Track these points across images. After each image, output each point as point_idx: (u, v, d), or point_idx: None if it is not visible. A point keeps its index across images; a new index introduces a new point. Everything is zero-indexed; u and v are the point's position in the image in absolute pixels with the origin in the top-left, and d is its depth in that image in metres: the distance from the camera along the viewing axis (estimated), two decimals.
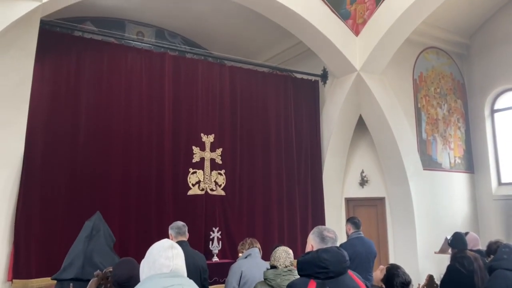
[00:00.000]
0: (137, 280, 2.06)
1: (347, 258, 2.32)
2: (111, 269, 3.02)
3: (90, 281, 3.23)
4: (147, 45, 6.93)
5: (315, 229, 2.49)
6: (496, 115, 8.37)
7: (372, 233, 7.33)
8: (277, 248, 3.47)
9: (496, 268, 3.63)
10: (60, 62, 5.56)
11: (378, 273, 3.10)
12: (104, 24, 7.95)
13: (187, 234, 4.27)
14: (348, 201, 7.82)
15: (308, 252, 2.35)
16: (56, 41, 5.57)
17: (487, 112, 8.40)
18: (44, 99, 5.36)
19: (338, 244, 2.43)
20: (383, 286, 3.02)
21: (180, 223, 4.28)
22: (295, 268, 3.38)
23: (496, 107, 8.37)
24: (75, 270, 3.64)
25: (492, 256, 4.06)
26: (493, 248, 4.24)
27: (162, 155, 6.08)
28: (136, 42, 6.93)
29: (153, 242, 2.11)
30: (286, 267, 3.29)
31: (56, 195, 5.27)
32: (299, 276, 2.38)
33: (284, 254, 3.36)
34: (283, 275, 3.21)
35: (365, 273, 4.69)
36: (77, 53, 5.69)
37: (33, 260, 4.99)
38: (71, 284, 3.52)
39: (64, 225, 5.18)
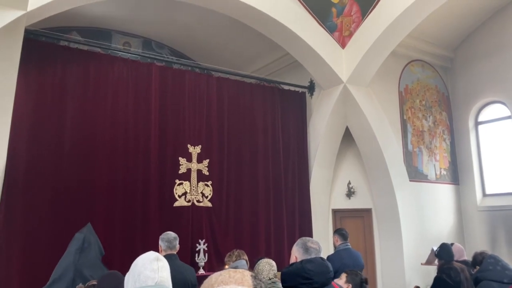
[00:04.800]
0: None
1: (331, 269, 2.32)
2: (94, 282, 2.95)
3: None
4: (134, 55, 6.90)
5: (299, 241, 2.50)
6: (480, 127, 8.48)
7: (359, 244, 7.33)
8: (260, 260, 3.46)
9: (482, 279, 3.66)
10: (45, 72, 5.49)
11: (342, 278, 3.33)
12: (90, 34, 7.92)
13: (177, 248, 4.17)
14: (335, 212, 7.83)
15: (292, 264, 2.35)
16: (41, 50, 5.50)
17: (471, 124, 8.52)
18: (28, 109, 5.27)
19: (321, 255, 2.43)
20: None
21: (171, 236, 4.17)
22: (279, 280, 3.37)
23: (480, 119, 8.49)
24: (65, 284, 3.56)
25: (477, 267, 4.08)
26: (479, 259, 4.26)
27: (148, 166, 6.02)
28: (122, 52, 6.90)
29: (138, 254, 2.07)
30: (270, 279, 3.28)
31: (40, 208, 5.16)
32: None
33: (268, 267, 3.36)
34: (267, 287, 3.19)
35: None
36: (63, 63, 5.62)
37: (15, 274, 4.86)
38: None
39: (48, 238, 5.07)
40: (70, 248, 3.89)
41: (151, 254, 2.02)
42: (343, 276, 3.32)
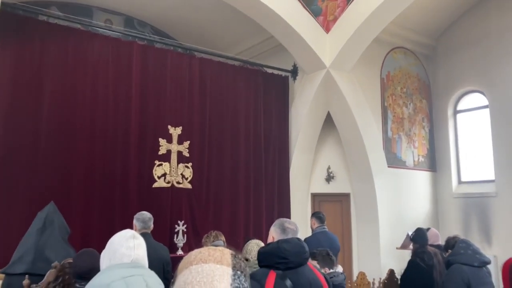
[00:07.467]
0: (98, 271, 2.02)
1: (307, 249, 2.35)
2: (70, 261, 2.93)
3: (47, 273, 3.12)
4: (115, 33, 6.75)
5: (277, 221, 2.52)
6: (458, 115, 8.63)
7: (336, 228, 7.43)
8: (250, 241, 3.53)
9: (454, 263, 3.76)
10: (22, 47, 5.34)
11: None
12: (70, 10, 7.69)
13: (151, 228, 4.23)
14: (314, 196, 7.90)
15: (269, 243, 2.37)
16: (18, 24, 5.34)
17: (450, 112, 8.65)
18: (4, 86, 5.15)
19: (299, 236, 2.46)
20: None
21: (146, 216, 4.22)
22: None
23: (458, 108, 8.62)
24: (25, 265, 3.49)
25: (450, 251, 4.20)
26: (451, 243, 4.38)
27: (128, 146, 5.96)
28: (103, 30, 6.75)
29: None
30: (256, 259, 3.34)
31: (16, 186, 5.07)
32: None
33: (256, 247, 3.43)
34: (254, 267, 3.24)
35: None
36: (41, 38, 5.48)
37: None
38: (26, 275, 3.38)
39: (23, 216, 4.96)
40: (31, 229, 3.74)
41: (127, 232, 2.02)
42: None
